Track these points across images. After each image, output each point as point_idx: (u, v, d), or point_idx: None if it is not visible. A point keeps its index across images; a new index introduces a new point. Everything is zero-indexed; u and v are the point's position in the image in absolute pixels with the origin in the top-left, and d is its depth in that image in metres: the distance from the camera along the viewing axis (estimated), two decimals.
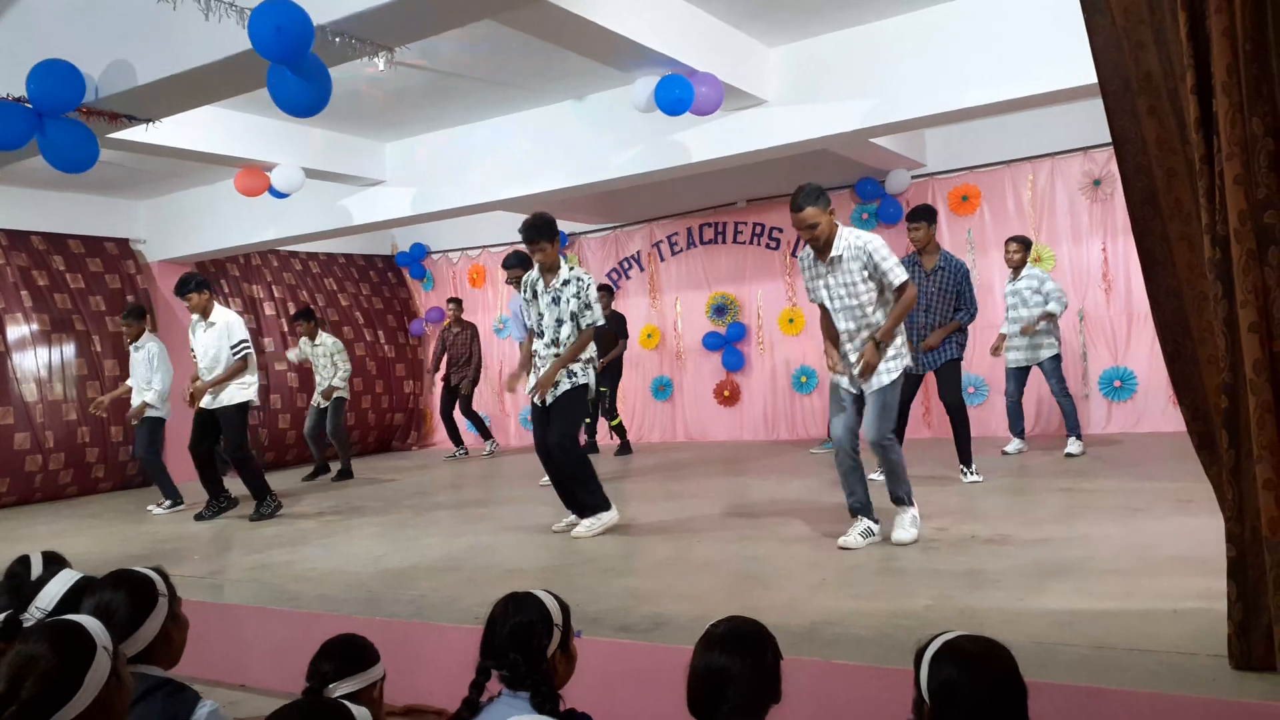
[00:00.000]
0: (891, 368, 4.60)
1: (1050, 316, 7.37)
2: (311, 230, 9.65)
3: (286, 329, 11.07)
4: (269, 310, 11.11)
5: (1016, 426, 7.66)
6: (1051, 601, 3.48)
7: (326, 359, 9.42)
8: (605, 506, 5.47)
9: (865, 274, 4.53)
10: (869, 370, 4.54)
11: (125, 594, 2.17)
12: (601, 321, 5.54)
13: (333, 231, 9.79)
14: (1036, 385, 8.04)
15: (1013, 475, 6.63)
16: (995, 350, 7.77)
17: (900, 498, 4.71)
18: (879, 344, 4.52)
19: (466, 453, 10.73)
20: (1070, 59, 5.35)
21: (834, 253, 4.55)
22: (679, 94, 5.99)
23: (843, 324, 4.66)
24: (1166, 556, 3.96)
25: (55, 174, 8.28)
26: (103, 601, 2.15)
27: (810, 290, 4.78)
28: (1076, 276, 8.88)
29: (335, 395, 9.40)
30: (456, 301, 10.94)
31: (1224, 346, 2.46)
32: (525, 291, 5.63)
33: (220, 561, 5.63)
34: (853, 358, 4.63)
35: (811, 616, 3.49)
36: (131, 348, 8.03)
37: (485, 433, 10.84)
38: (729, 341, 10.57)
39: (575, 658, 2.27)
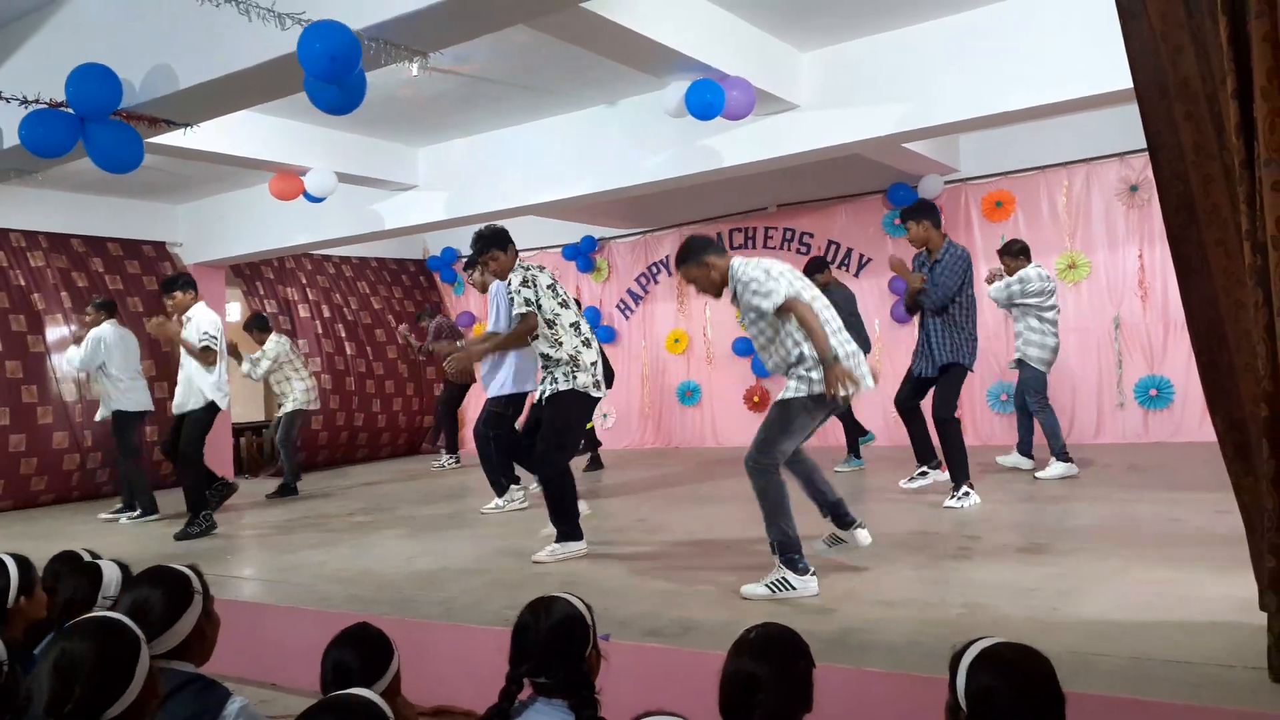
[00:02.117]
0: (791, 386, 4.02)
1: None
2: (345, 234, 9.74)
3: (320, 331, 11.17)
4: (303, 313, 11.22)
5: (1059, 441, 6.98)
6: (1087, 611, 3.44)
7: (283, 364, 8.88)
8: (577, 536, 5.01)
9: (751, 310, 4.07)
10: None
11: (162, 590, 2.20)
12: (527, 309, 5.01)
13: (366, 236, 9.87)
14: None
15: (1046, 485, 6.54)
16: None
17: (771, 542, 4.01)
18: (830, 364, 3.89)
19: (458, 462, 10.19)
20: (1108, 63, 5.27)
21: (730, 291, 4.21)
22: (710, 98, 5.99)
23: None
24: (1204, 567, 3.90)
25: (95, 178, 8.45)
26: (140, 597, 2.18)
27: None
28: (1112, 284, 8.77)
29: (295, 406, 8.87)
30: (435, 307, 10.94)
31: (1265, 354, 2.42)
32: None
33: (253, 561, 5.69)
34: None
35: (841, 622, 3.47)
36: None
37: (452, 445, 10.31)
38: None
39: (602, 656, 2.27)
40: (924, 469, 6.32)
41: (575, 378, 5.00)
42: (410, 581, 4.72)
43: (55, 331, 9.21)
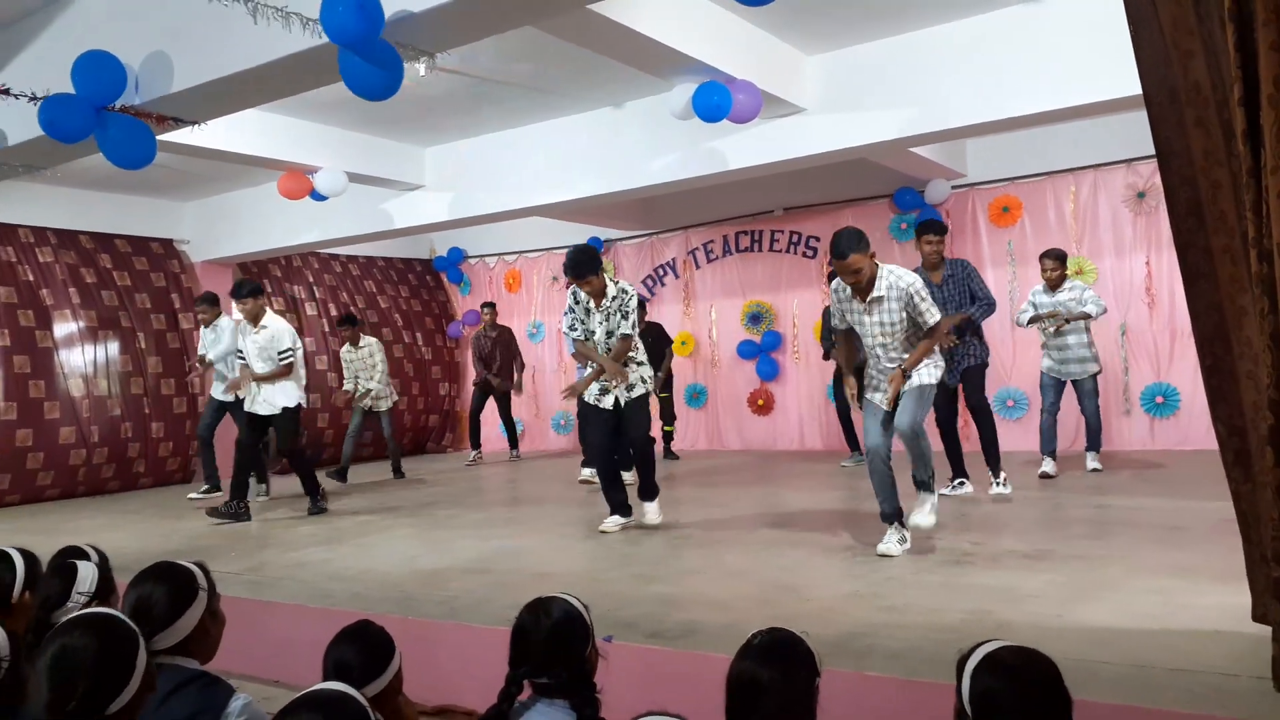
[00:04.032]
0: (932, 372, 4.75)
1: (1086, 317, 7.05)
2: (352, 233, 9.77)
3: (327, 329, 11.20)
4: (310, 310, 11.25)
5: (1050, 445, 7.18)
6: (1090, 618, 3.43)
7: (370, 360, 9.59)
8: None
9: (904, 313, 4.65)
10: (896, 398, 4.71)
11: (167, 586, 2.20)
12: (630, 332, 5.64)
13: (373, 235, 9.91)
14: (1071, 399, 7.86)
15: (1050, 491, 6.53)
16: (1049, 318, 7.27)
17: (924, 481, 4.84)
18: (905, 373, 4.66)
19: (480, 458, 10.75)
20: (1115, 70, 5.28)
21: (876, 293, 4.61)
22: (717, 101, 5.99)
23: (884, 356, 4.76)
24: (1208, 576, 3.88)
25: (104, 174, 8.48)
26: (144, 593, 2.18)
27: (838, 316, 4.88)
28: (1119, 290, 8.75)
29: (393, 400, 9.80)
30: (490, 305, 11.00)
31: (1269, 362, 2.42)
32: (578, 306, 5.71)
33: (258, 559, 5.69)
34: (885, 378, 4.76)
35: (844, 627, 3.47)
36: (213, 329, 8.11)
37: (513, 440, 10.90)
38: (764, 350, 10.53)
39: (601, 656, 2.26)
40: (961, 480, 6.49)
41: (650, 381, 5.90)
42: (413, 580, 4.73)
43: (63, 327, 9.25)
